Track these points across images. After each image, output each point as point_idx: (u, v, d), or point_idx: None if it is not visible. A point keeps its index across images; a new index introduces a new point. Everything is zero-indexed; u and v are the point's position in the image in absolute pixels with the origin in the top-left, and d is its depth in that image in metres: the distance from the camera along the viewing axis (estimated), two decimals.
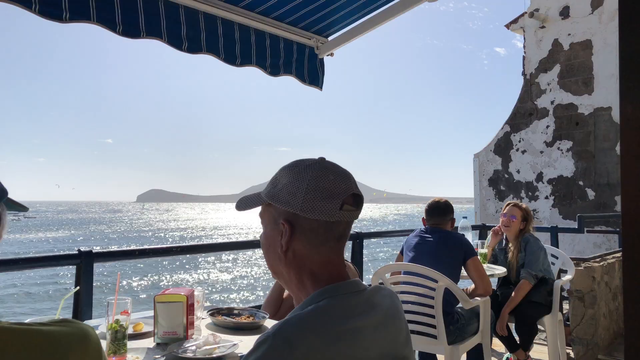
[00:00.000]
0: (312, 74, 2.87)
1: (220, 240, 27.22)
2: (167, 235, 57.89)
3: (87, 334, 0.79)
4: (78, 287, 2.47)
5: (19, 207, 0.90)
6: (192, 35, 2.24)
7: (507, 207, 3.77)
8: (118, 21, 1.96)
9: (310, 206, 0.94)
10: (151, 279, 25.46)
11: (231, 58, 2.43)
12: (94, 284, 2.57)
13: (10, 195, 0.87)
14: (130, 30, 2.01)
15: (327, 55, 2.93)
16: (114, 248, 4.80)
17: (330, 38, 2.91)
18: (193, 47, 2.25)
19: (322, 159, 1.02)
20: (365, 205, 1.05)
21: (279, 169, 1.03)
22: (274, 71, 2.66)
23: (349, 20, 2.78)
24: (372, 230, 4.72)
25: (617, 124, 8.59)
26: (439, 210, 3.21)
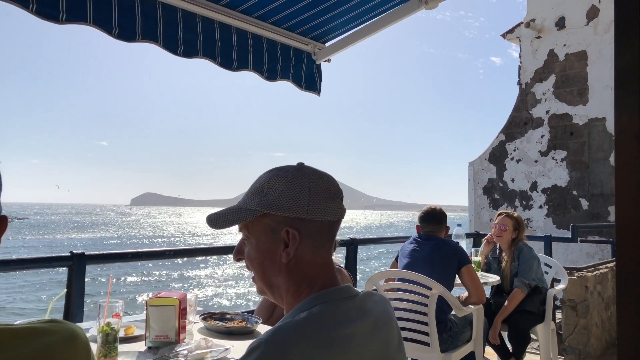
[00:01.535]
0: (309, 80, 2.87)
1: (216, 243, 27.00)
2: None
3: (75, 333, 0.78)
4: (65, 290, 2.45)
5: None
6: (189, 38, 2.23)
7: (499, 217, 3.77)
8: (115, 24, 1.96)
9: (317, 208, 0.94)
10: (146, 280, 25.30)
11: (227, 62, 2.42)
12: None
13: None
14: (126, 34, 2.01)
15: (324, 61, 2.93)
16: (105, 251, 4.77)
17: (327, 44, 2.91)
18: (189, 51, 2.25)
19: (302, 164, 1.01)
20: (361, 211, 1.05)
21: (262, 179, 0.98)
22: (270, 76, 2.65)
23: (347, 27, 2.79)
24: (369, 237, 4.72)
25: (611, 134, 8.65)
26: (435, 219, 3.20)
